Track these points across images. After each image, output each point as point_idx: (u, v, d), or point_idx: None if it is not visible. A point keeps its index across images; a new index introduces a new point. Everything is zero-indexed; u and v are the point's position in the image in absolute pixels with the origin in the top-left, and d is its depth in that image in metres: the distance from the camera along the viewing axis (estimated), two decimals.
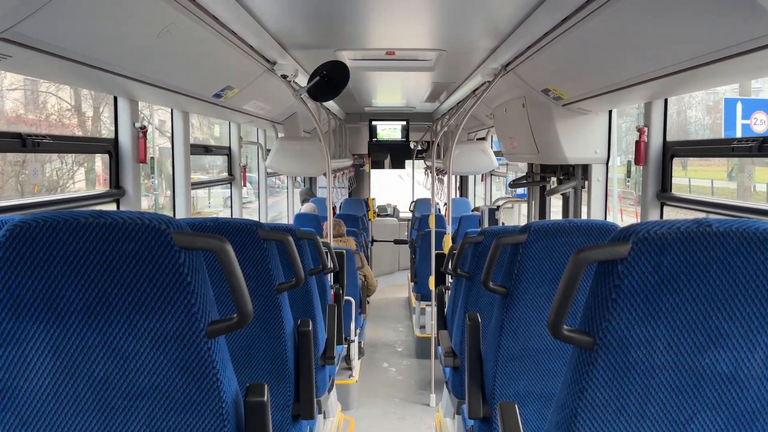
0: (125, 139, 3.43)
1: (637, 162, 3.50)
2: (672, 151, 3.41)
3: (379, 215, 11.24)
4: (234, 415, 1.49)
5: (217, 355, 1.43)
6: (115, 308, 1.37)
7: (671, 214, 3.60)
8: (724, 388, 1.25)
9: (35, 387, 1.38)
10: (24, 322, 1.35)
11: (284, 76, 4.26)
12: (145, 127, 3.50)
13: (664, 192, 3.44)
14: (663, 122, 3.46)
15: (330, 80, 4.06)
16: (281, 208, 9.85)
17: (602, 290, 1.26)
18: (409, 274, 9.29)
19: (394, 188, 16.00)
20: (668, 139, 3.48)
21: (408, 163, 11.00)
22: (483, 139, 8.43)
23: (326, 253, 3.79)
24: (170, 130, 4.08)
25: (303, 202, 9.40)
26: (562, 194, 4.67)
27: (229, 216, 5.74)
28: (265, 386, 1.58)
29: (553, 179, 4.96)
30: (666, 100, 3.44)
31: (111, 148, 3.41)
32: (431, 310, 5.62)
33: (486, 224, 6.53)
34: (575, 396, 1.29)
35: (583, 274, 1.27)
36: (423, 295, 7.36)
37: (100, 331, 1.38)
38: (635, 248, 1.23)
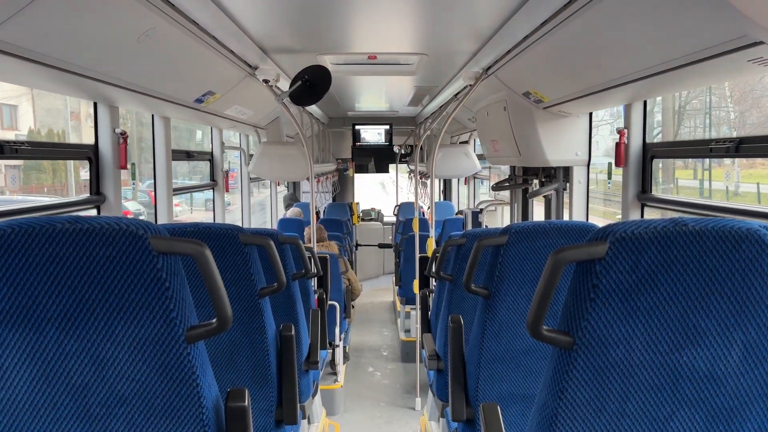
0: (105, 145, 3.40)
1: (617, 164, 3.53)
2: (652, 152, 3.44)
3: (363, 219, 11.23)
4: (215, 420, 1.48)
5: (197, 361, 1.42)
6: (93, 314, 1.36)
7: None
8: (702, 385, 1.26)
9: (12, 395, 1.36)
10: (0, 329, 1.34)
11: (266, 81, 4.25)
12: (125, 132, 3.47)
13: (644, 193, 3.47)
14: (642, 124, 3.49)
15: (312, 84, 4.06)
16: None
17: (581, 290, 1.27)
18: (394, 278, 9.29)
19: (377, 195, 15.92)
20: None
21: (392, 167, 11.02)
22: (466, 142, 8.46)
23: (309, 257, 3.78)
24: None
25: (287, 207, 9.37)
26: (544, 196, 4.69)
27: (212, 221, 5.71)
28: (246, 391, 1.57)
29: (536, 181, 4.99)
30: (645, 102, 3.47)
31: (91, 154, 3.38)
32: (416, 313, 5.63)
33: (469, 227, 6.55)
34: (555, 396, 1.30)
35: (562, 274, 1.28)
36: (408, 298, 7.35)
37: (78, 337, 1.36)
38: (613, 248, 1.23)
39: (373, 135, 9.69)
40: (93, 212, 3.42)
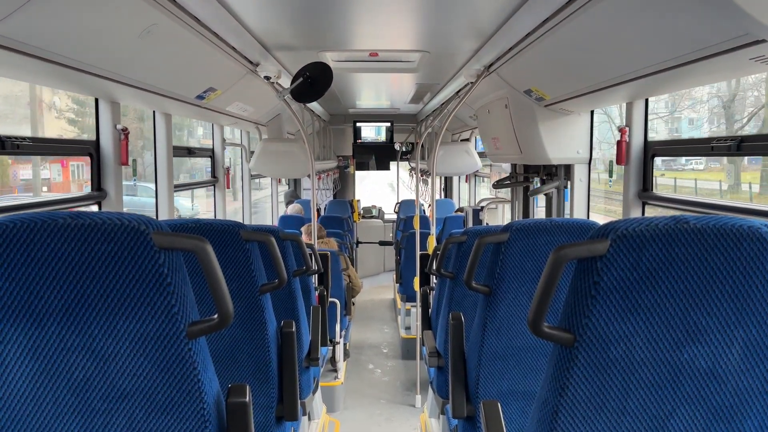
0: (106, 141, 3.41)
1: (618, 162, 3.53)
2: (653, 150, 3.44)
3: (364, 217, 11.24)
4: (216, 416, 1.48)
5: (198, 356, 1.42)
6: (94, 310, 1.36)
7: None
8: (703, 383, 1.26)
9: (13, 390, 1.36)
10: (1, 324, 1.34)
11: (267, 78, 4.25)
12: (126, 129, 3.48)
13: (645, 191, 3.47)
14: (644, 122, 3.49)
15: (313, 81, 4.05)
16: None
17: (582, 287, 1.27)
18: (395, 276, 9.30)
19: (385, 197, 15.86)
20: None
21: (393, 164, 11.02)
22: (467, 140, 8.45)
23: (310, 254, 3.78)
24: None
25: (288, 204, 9.37)
26: (545, 194, 4.69)
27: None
28: (247, 387, 1.58)
29: (537, 179, 4.99)
30: (647, 100, 3.47)
31: (92, 150, 3.39)
32: (416, 311, 5.63)
33: (470, 225, 6.55)
34: (556, 393, 1.30)
35: (563, 271, 1.28)
36: (408, 296, 7.36)
37: (80, 332, 1.37)
38: (614, 245, 1.23)
39: (374, 132, 9.70)
40: (94, 208, 3.42)
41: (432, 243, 5.19)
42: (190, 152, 5.25)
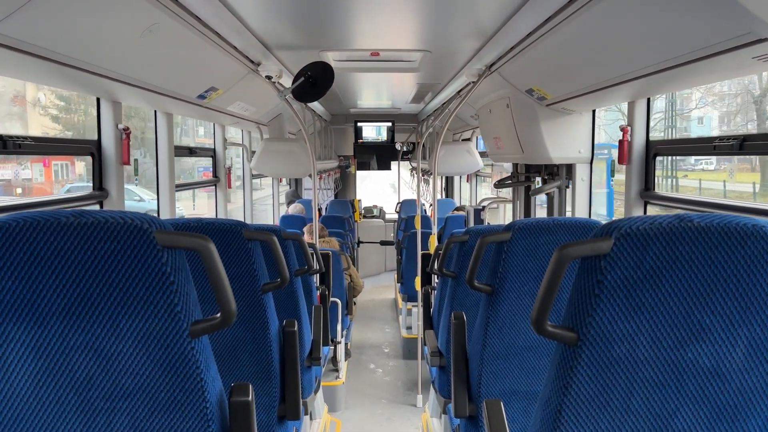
0: (108, 141, 3.41)
1: (620, 161, 3.53)
2: (655, 149, 3.44)
3: (365, 216, 11.24)
4: (218, 415, 1.48)
5: (201, 355, 1.42)
6: (97, 308, 1.36)
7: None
8: (707, 382, 1.26)
9: (16, 389, 1.36)
10: (4, 323, 1.34)
11: (269, 77, 4.25)
12: (128, 128, 3.48)
13: (647, 191, 3.47)
14: (646, 121, 3.49)
15: (314, 81, 4.05)
16: None
17: (585, 286, 1.26)
18: (396, 275, 9.29)
19: (387, 197, 15.87)
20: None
21: (394, 164, 11.02)
22: (468, 139, 8.45)
23: (312, 254, 3.78)
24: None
25: (289, 203, 9.37)
26: (546, 194, 4.69)
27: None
28: (250, 386, 1.57)
29: (538, 179, 4.99)
30: (648, 100, 3.46)
31: (94, 149, 3.39)
32: (418, 310, 5.63)
33: (471, 224, 6.54)
34: (560, 392, 1.30)
35: (566, 270, 1.27)
36: (410, 296, 7.36)
37: (82, 331, 1.36)
38: (618, 244, 1.23)
39: (375, 132, 9.70)
40: (96, 208, 3.42)
41: (433, 242, 5.19)
42: (192, 152, 5.25)
